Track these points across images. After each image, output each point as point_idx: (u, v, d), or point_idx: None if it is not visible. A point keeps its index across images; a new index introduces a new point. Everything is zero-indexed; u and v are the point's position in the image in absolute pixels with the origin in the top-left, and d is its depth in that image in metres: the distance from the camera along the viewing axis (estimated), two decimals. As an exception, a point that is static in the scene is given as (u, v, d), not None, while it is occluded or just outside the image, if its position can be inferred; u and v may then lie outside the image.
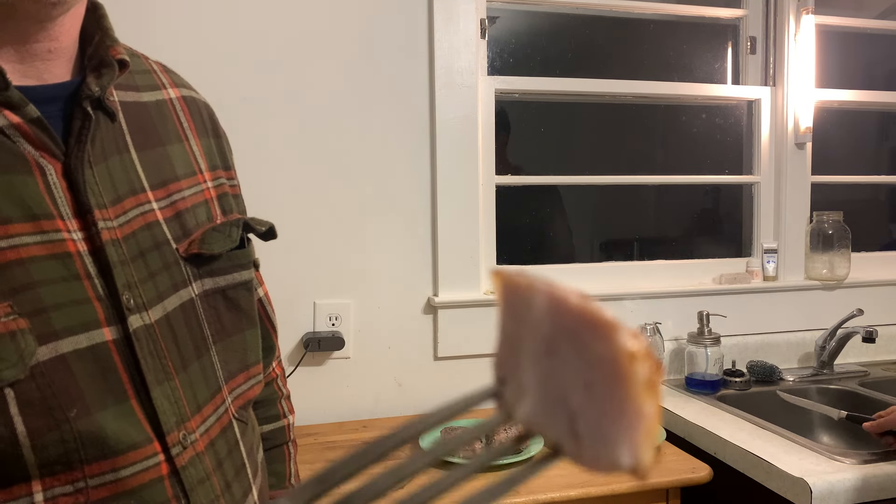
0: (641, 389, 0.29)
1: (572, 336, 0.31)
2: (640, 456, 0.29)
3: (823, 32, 2.08)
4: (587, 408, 0.30)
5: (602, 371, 0.29)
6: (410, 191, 1.76)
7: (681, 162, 2.14)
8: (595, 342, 0.30)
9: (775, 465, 1.28)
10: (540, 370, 0.32)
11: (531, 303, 0.32)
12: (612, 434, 0.29)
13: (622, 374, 0.29)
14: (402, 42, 1.74)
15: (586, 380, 0.30)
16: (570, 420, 0.30)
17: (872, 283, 2.07)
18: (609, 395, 0.29)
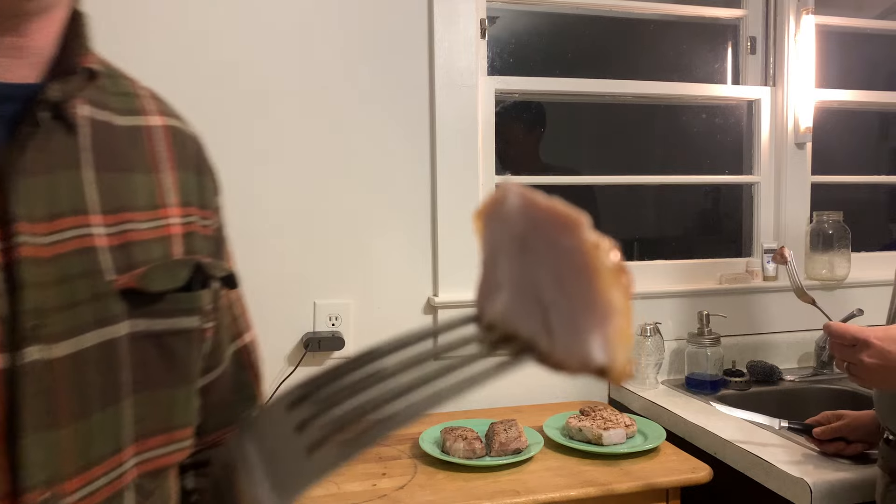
0: (608, 278, 0.30)
1: (542, 231, 0.32)
2: (612, 352, 0.30)
3: (823, 32, 2.08)
4: (559, 300, 0.31)
5: (570, 262, 0.31)
6: (410, 191, 1.76)
7: (681, 162, 2.14)
8: (563, 235, 0.31)
9: (775, 465, 1.28)
10: (515, 266, 0.33)
11: (505, 206, 0.34)
12: (584, 325, 0.31)
13: (588, 263, 0.30)
14: (402, 42, 1.74)
15: (557, 273, 0.31)
16: (543, 314, 0.32)
17: (872, 283, 2.06)
18: (578, 285, 0.31)
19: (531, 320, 0.32)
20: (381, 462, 1.43)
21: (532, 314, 0.32)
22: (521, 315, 0.33)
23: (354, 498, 1.27)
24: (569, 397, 1.88)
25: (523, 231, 0.33)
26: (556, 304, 0.31)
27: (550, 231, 0.32)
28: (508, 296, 0.33)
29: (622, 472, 1.36)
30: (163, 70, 1.61)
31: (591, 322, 0.31)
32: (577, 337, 0.31)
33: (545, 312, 0.32)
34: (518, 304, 0.33)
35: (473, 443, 1.41)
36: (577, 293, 0.31)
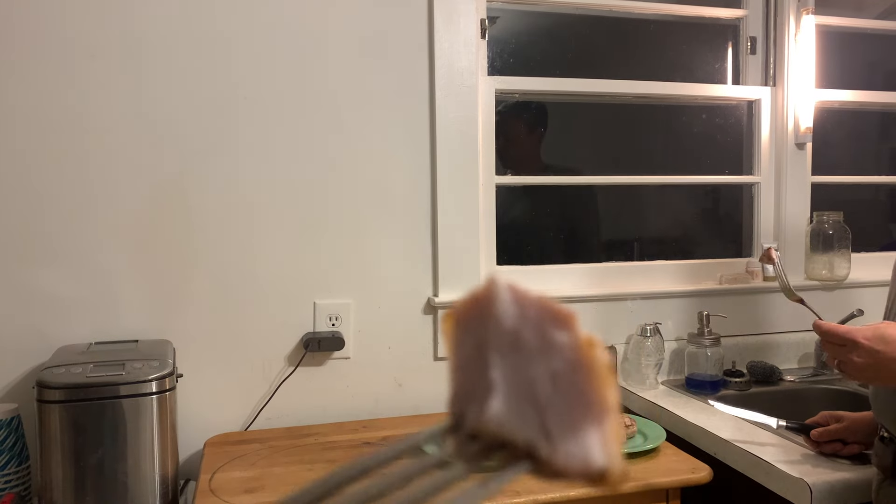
0: (604, 375, 0.29)
1: (535, 326, 0.31)
2: (610, 453, 0.29)
3: (823, 32, 2.08)
4: (555, 399, 0.29)
5: (565, 359, 0.30)
6: (411, 191, 1.76)
7: (681, 162, 2.14)
8: (556, 331, 0.30)
9: (775, 465, 1.28)
10: (508, 365, 0.31)
11: (495, 301, 0.32)
12: (582, 426, 0.29)
13: (584, 359, 0.29)
14: (402, 42, 1.74)
15: (551, 370, 0.30)
16: (539, 415, 0.30)
17: (872, 283, 2.06)
18: (573, 383, 0.29)
19: (528, 423, 0.30)
20: (381, 462, 1.43)
21: (528, 416, 0.30)
22: (516, 418, 0.30)
23: (354, 498, 1.27)
24: (569, 397, 1.87)
25: (515, 327, 0.31)
26: (552, 403, 0.29)
27: (543, 326, 0.31)
28: (504, 397, 0.30)
29: (622, 473, 1.36)
30: (163, 71, 1.61)
31: (589, 422, 0.29)
32: (577, 439, 0.29)
33: (541, 414, 0.29)
34: (514, 405, 0.30)
35: (473, 443, 1.40)
36: (573, 391, 0.29)
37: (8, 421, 1.42)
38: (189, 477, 1.56)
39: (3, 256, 1.54)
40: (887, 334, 1.07)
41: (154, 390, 1.33)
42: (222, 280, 1.66)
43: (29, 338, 1.55)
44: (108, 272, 1.59)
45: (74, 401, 1.29)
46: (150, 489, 1.33)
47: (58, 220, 1.56)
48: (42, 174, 1.55)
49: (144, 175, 1.60)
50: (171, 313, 1.63)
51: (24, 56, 1.53)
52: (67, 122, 1.56)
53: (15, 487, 1.42)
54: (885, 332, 1.08)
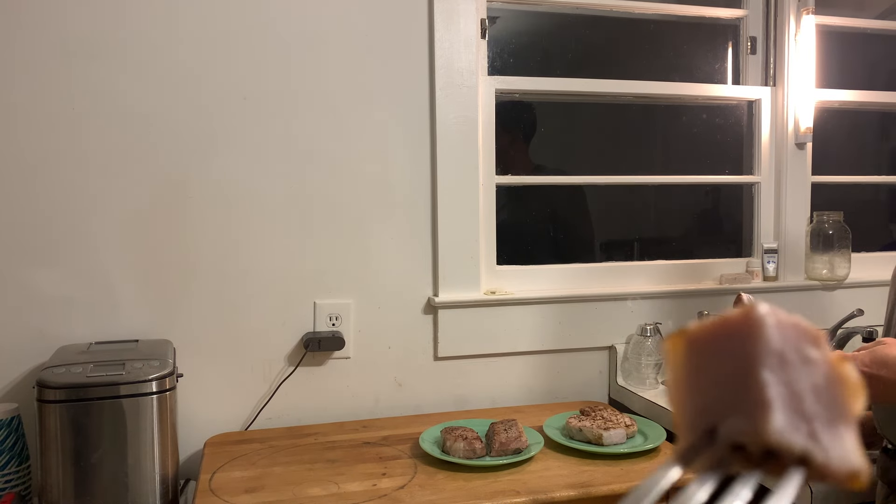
0: (855, 389, 0.34)
1: (795, 346, 0.34)
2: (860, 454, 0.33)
3: (824, 32, 2.08)
4: (819, 410, 0.33)
5: (822, 373, 0.34)
6: (410, 191, 1.76)
7: (681, 162, 2.14)
8: (811, 348, 0.34)
9: (775, 465, 1.28)
10: (779, 382, 0.34)
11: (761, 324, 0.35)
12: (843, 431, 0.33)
13: (838, 374, 0.34)
14: (402, 42, 1.74)
15: (813, 384, 0.34)
16: (808, 425, 0.33)
17: (872, 283, 2.06)
18: (832, 395, 0.34)
19: (801, 434, 0.33)
20: (381, 462, 1.44)
21: (800, 427, 0.33)
22: (793, 430, 0.33)
23: (354, 498, 1.27)
24: (569, 397, 1.88)
25: (780, 347, 0.34)
26: (818, 414, 0.33)
27: (801, 345, 0.34)
28: (782, 412, 0.33)
29: (622, 472, 1.36)
30: (164, 71, 1.61)
31: (847, 428, 0.33)
32: (843, 444, 0.33)
33: (810, 423, 0.33)
34: (790, 419, 0.33)
35: (473, 443, 1.41)
36: (832, 403, 0.34)
37: (8, 421, 1.42)
38: (189, 477, 1.56)
39: (3, 256, 1.54)
40: (886, 356, 1.04)
41: (154, 390, 1.33)
42: (222, 280, 1.66)
43: (29, 338, 1.55)
44: (108, 272, 1.59)
45: (74, 401, 1.29)
46: (150, 489, 1.33)
47: (58, 220, 1.56)
48: (42, 174, 1.55)
49: (144, 175, 1.60)
50: (171, 313, 1.63)
51: (24, 56, 1.53)
52: (67, 121, 1.56)
53: (15, 487, 1.42)
54: (883, 355, 1.05)
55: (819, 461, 0.32)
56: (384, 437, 1.58)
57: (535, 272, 1.91)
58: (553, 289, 1.90)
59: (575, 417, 1.54)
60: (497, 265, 1.87)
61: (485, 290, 1.83)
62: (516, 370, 1.85)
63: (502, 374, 1.84)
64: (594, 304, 1.88)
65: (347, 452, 1.49)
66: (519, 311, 1.83)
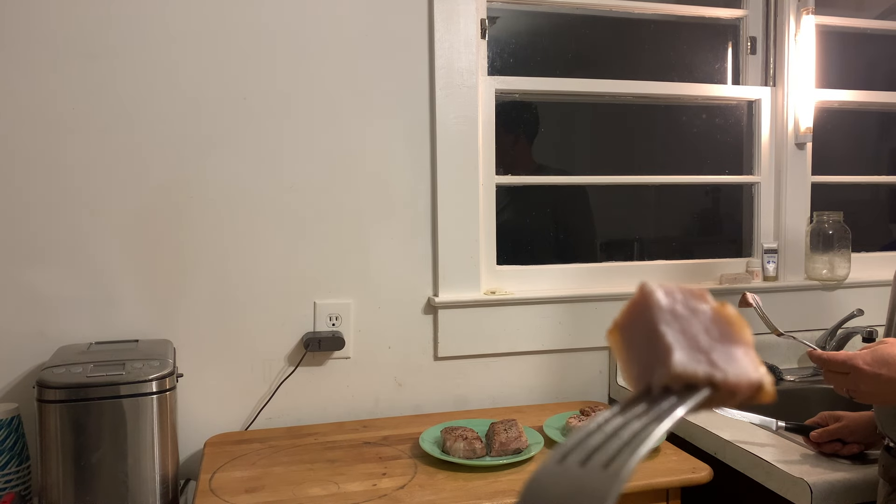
0: (739, 321, 0.45)
1: (682, 302, 0.46)
2: (762, 371, 0.43)
3: (823, 32, 2.08)
4: (714, 344, 0.44)
5: (710, 317, 0.45)
6: (410, 191, 1.76)
7: (681, 162, 2.14)
8: (698, 303, 0.46)
9: (775, 465, 1.28)
10: (674, 330, 0.44)
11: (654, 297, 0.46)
12: (738, 355, 0.43)
13: (722, 315, 0.45)
14: (402, 42, 1.74)
15: (703, 326, 0.45)
16: (707, 355, 0.43)
17: (872, 283, 2.06)
18: (722, 329, 0.44)
19: (702, 363, 0.42)
20: (381, 462, 1.44)
21: (700, 359, 0.43)
22: (694, 361, 0.42)
23: (354, 498, 1.27)
24: (569, 397, 1.88)
25: (671, 306, 0.45)
26: (712, 346, 0.43)
27: (688, 301, 0.46)
28: (680, 351, 0.43)
29: (622, 472, 1.36)
30: (164, 71, 1.61)
31: (741, 352, 0.43)
32: (738, 363, 0.43)
33: (708, 354, 0.43)
34: (689, 354, 0.43)
35: (473, 443, 1.41)
36: (724, 335, 0.44)
37: (8, 421, 1.42)
38: (189, 477, 1.56)
39: (3, 256, 1.54)
40: (887, 355, 1.05)
41: (154, 390, 1.33)
42: (222, 280, 1.66)
43: (29, 338, 1.55)
44: (108, 272, 1.59)
45: (74, 400, 1.29)
46: (150, 489, 1.33)
47: (58, 221, 1.56)
48: (42, 174, 1.55)
49: (145, 175, 1.60)
50: (171, 313, 1.63)
51: (24, 56, 1.53)
52: (67, 121, 1.56)
53: (15, 487, 1.42)
54: (884, 353, 1.06)
55: (720, 380, 0.41)
56: (384, 437, 1.58)
57: (535, 272, 1.91)
58: (553, 289, 1.90)
59: (575, 417, 1.54)
60: (497, 265, 1.87)
61: (485, 290, 1.83)
62: (516, 370, 1.85)
63: (502, 374, 1.84)
64: (594, 304, 1.88)
65: (347, 452, 1.49)
66: (519, 311, 1.83)
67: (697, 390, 0.42)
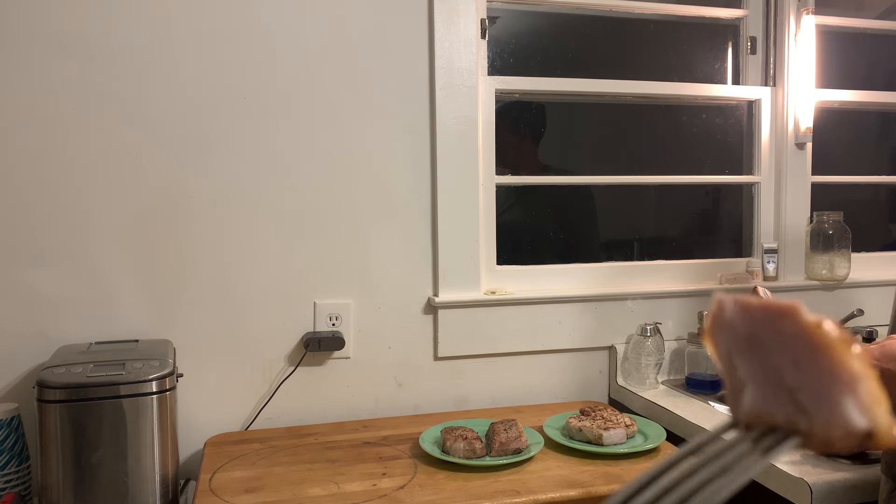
0: (841, 349, 0.33)
1: (765, 325, 0.35)
2: (871, 414, 0.32)
3: (824, 32, 2.08)
4: (803, 380, 0.34)
5: (800, 345, 0.34)
6: (410, 191, 1.76)
7: (681, 162, 2.14)
8: (784, 324, 0.34)
9: (775, 465, 1.28)
10: (751, 363, 0.36)
11: (725, 315, 0.37)
12: (834, 396, 0.33)
13: (818, 341, 0.33)
14: (402, 42, 1.74)
15: (792, 357, 0.34)
16: (791, 397, 0.34)
17: (872, 283, 2.07)
18: (815, 362, 0.33)
19: (783, 406, 0.34)
20: (381, 462, 1.44)
21: (781, 400, 0.35)
22: (771, 404, 0.35)
23: (354, 498, 1.27)
24: (569, 397, 1.88)
25: (749, 330, 0.36)
26: (800, 385, 0.34)
27: (772, 323, 0.35)
28: (753, 390, 0.35)
29: (622, 473, 1.36)
30: (164, 71, 1.61)
31: (840, 391, 0.33)
32: (832, 408, 0.33)
33: (793, 395, 0.34)
34: (765, 395, 0.35)
35: (473, 443, 1.41)
36: (817, 370, 0.33)
37: (8, 421, 1.42)
38: (189, 477, 1.56)
39: (3, 256, 1.54)
40: None
41: (154, 390, 1.33)
42: (222, 280, 1.66)
43: (29, 338, 1.55)
44: (108, 272, 1.59)
45: (74, 400, 1.29)
46: (150, 489, 1.33)
47: (58, 221, 1.56)
48: (42, 174, 1.55)
49: (144, 175, 1.60)
50: (171, 313, 1.63)
51: (24, 56, 1.53)
52: (67, 121, 1.56)
53: (15, 487, 1.42)
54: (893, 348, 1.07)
55: (805, 429, 0.34)
56: (384, 437, 1.58)
57: (535, 272, 1.91)
58: (553, 289, 1.90)
59: (575, 417, 1.54)
60: (497, 265, 1.87)
61: (485, 290, 1.83)
62: (516, 370, 1.85)
63: (502, 374, 1.84)
64: (594, 304, 1.88)
65: (347, 452, 1.49)
66: (519, 311, 1.83)
67: (784, 435, 0.35)
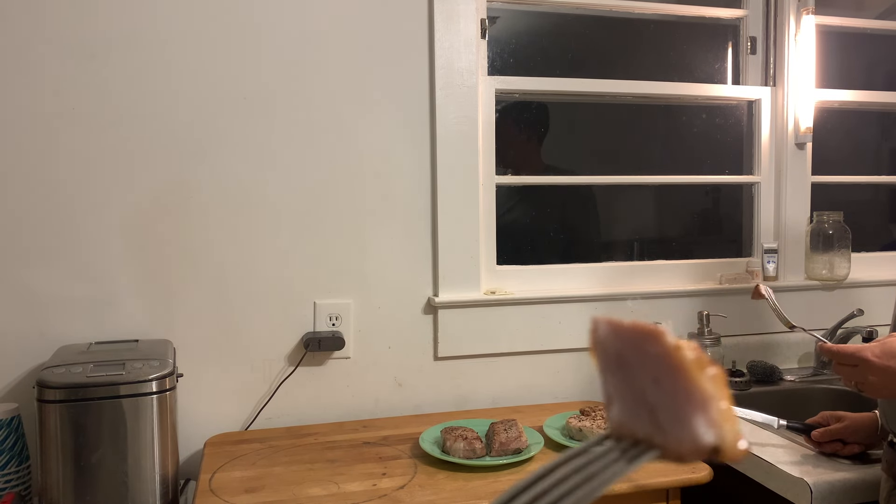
0: (695, 370, 0.36)
1: (632, 346, 0.39)
2: (720, 431, 0.35)
3: (823, 32, 2.08)
4: (661, 399, 0.37)
5: (661, 365, 0.37)
6: (411, 191, 1.76)
7: (681, 162, 2.14)
8: (649, 345, 0.38)
9: (775, 465, 1.28)
10: (618, 380, 0.39)
11: (599, 334, 0.41)
12: (687, 415, 0.36)
13: (675, 363, 0.36)
14: (402, 42, 1.74)
15: (653, 376, 0.37)
16: (651, 414, 0.37)
17: (872, 283, 2.07)
18: (673, 382, 0.36)
19: (643, 422, 0.37)
20: (381, 462, 1.44)
21: (642, 416, 0.38)
22: (633, 419, 0.38)
23: (354, 498, 1.27)
24: (569, 397, 1.88)
25: (618, 349, 0.39)
26: (659, 403, 0.37)
27: (638, 344, 0.38)
28: (619, 405, 0.39)
29: (622, 472, 1.36)
30: (164, 71, 1.61)
31: (692, 410, 0.36)
32: (684, 426, 0.36)
33: (652, 412, 0.37)
34: (629, 410, 0.38)
35: (473, 443, 1.41)
36: (674, 390, 0.37)
37: (8, 421, 1.42)
38: (189, 477, 1.56)
39: (3, 256, 1.54)
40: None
41: (154, 390, 1.33)
42: (222, 280, 1.66)
43: (29, 338, 1.55)
44: (107, 272, 1.59)
45: (74, 400, 1.29)
46: (150, 489, 1.33)
47: (58, 221, 1.56)
48: (42, 174, 1.55)
49: (145, 175, 1.60)
50: (171, 313, 1.63)
51: (24, 56, 1.53)
52: (67, 121, 1.56)
53: (15, 487, 1.42)
54: (893, 346, 1.07)
55: (660, 444, 0.37)
56: (384, 437, 1.58)
57: (535, 272, 1.91)
58: (553, 289, 1.90)
59: (575, 417, 1.54)
60: (497, 265, 1.87)
61: (485, 290, 1.83)
62: (516, 370, 1.85)
63: (502, 374, 1.84)
64: (594, 304, 1.88)
65: (347, 452, 1.49)
66: (519, 311, 1.83)
67: (645, 447, 0.38)
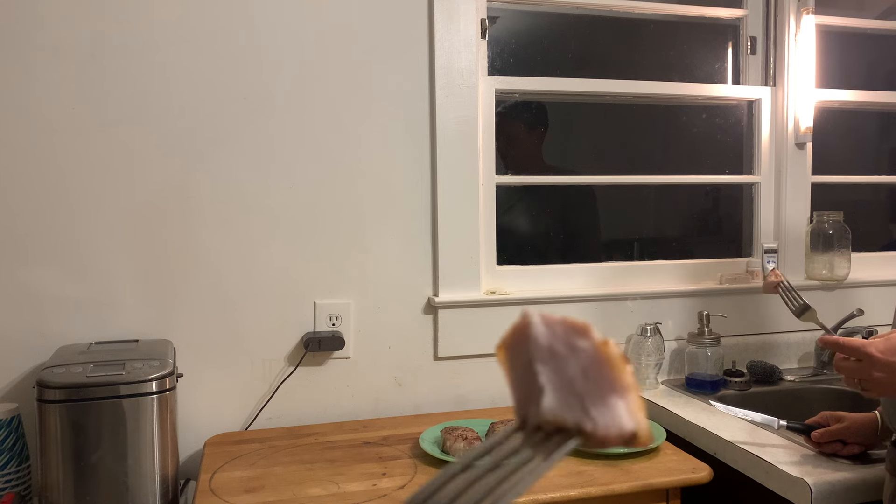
0: (619, 364, 0.41)
1: (563, 339, 0.42)
2: (637, 419, 0.40)
3: (824, 32, 2.08)
4: (589, 388, 0.40)
5: (590, 358, 0.41)
6: (410, 191, 1.76)
7: (681, 162, 2.14)
8: (578, 339, 0.42)
9: (775, 465, 1.28)
10: (549, 370, 0.42)
11: (531, 327, 0.43)
12: (613, 403, 0.40)
13: (602, 356, 0.41)
14: (402, 42, 1.74)
15: (582, 367, 0.41)
16: (580, 401, 0.40)
17: (872, 283, 2.06)
18: (600, 373, 0.41)
19: (573, 410, 0.40)
20: (381, 462, 1.44)
21: (572, 405, 0.40)
22: (564, 407, 0.40)
23: (354, 498, 1.27)
24: (569, 397, 1.88)
25: (549, 342, 0.42)
26: (587, 391, 0.40)
27: (569, 338, 0.42)
28: (550, 395, 0.41)
29: (622, 472, 1.36)
30: (163, 71, 1.61)
31: (617, 398, 0.40)
32: (611, 413, 0.40)
33: (581, 400, 0.40)
34: (559, 399, 0.41)
35: (473, 443, 1.41)
36: (600, 380, 0.40)
37: (8, 421, 1.42)
38: (189, 477, 1.56)
39: (3, 256, 1.54)
40: None
41: (154, 390, 1.33)
42: (222, 280, 1.66)
43: (29, 338, 1.55)
44: (108, 272, 1.59)
45: (74, 400, 1.29)
46: (150, 489, 1.33)
47: (58, 220, 1.56)
48: (42, 174, 1.55)
49: (144, 175, 1.60)
50: (171, 313, 1.63)
51: (24, 55, 1.53)
52: (67, 121, 1.56)
53: (15, 487, 1.42)
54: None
55: (589, 430, 0.40)
56: (384, 437, 1.58)
57: (535, 272, 1.91)
58: (553, 289, 1.90)
59: (575, 417, 1.54)
60: (497, 265, 1.87)
61: (485, 290, 1.83)
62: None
63: (502, 374, 1.83)
64: (594, 304, 1.88)
65: (347, 452, 1.49)
66: (519, 310, 1.82)
67: (569, 434, 0.40)
